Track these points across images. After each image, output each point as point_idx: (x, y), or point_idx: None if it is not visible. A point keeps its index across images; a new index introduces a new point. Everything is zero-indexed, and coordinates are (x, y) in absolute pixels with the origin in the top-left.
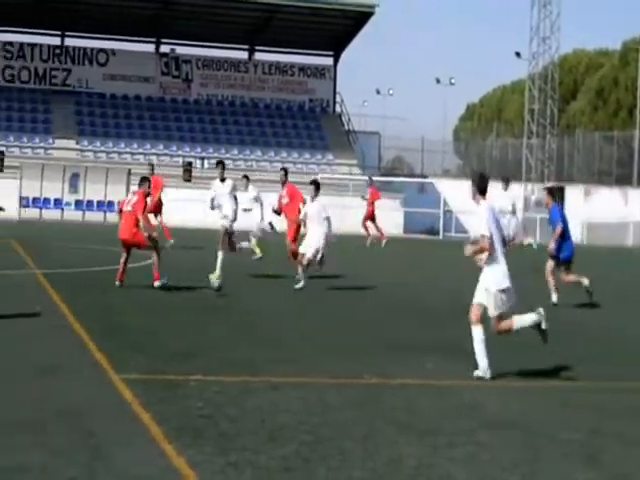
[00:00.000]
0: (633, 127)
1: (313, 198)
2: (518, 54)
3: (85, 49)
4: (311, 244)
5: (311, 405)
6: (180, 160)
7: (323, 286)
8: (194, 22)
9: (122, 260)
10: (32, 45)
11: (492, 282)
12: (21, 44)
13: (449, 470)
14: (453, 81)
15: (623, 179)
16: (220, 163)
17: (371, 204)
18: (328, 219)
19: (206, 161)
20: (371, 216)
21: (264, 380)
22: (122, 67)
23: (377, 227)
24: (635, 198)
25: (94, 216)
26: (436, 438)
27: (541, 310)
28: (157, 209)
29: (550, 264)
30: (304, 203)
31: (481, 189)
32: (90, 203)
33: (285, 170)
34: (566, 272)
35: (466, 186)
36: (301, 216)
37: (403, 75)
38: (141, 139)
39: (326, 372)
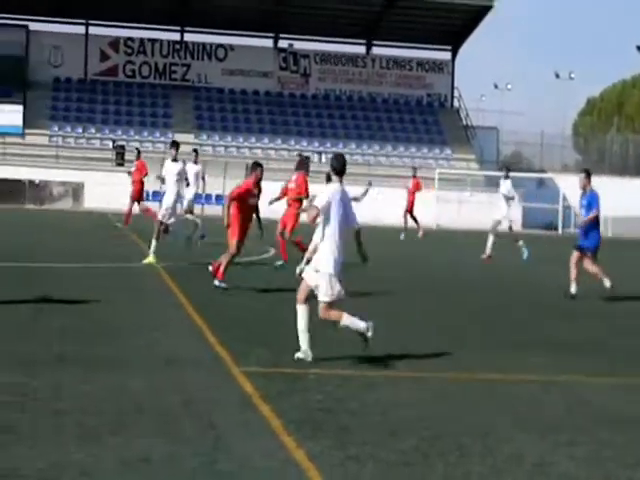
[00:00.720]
0: None
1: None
2: (639, 48)
3: (204, 44)
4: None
5: (430, 399)
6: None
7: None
8: (311, 17)
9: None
10: (152, 41)
11: (324, 264)
12: (141, 40)
13: (570, 468)
14: (573, 75)
15: None
16: (174, 143)
17: (412, 194)
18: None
19: (324, 155)
20: (411, 207)
21: (383, 374)
22: (240, 62)
23: (414, 219)
24: None
25: (213, 209)
26: (557, 435)
27: (371, 324)
28: (139, 194)
29: (575, 254)
30: (307, 197)
31: (337, 170)
32: (209, 197)
33: (302, 157)
34: (592, 261)
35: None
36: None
37: (521, 70)
38: (259, 133)
39: (444, 366)
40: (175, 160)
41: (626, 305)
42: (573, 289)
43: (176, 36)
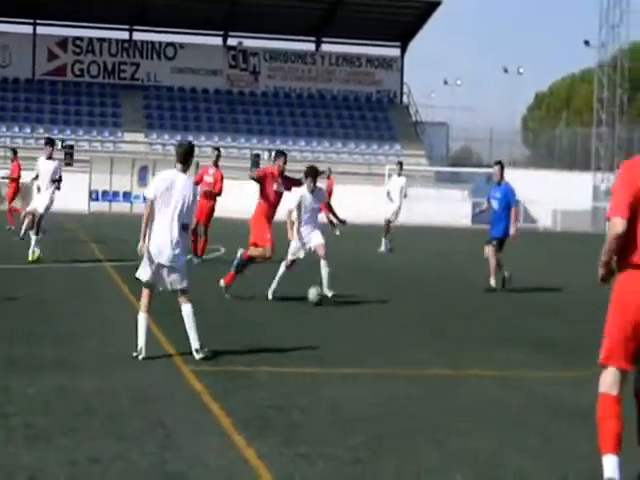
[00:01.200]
0: None
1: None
2: (587, 42)
3: (153, 43)
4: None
5: (381, 396)
6: (248, 152)
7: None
8: (261, 14)
9: None
10: (101, 40)
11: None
12: (90, 39)
13: (522, 462)
14: (521, 70)
15: None
16: (50, 141)
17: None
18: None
19: (274, 153)
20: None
21: (334, 372)
22: (190, 60)
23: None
24: None
25: None
26: (510, 430)
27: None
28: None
29: (490, 248)
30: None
31: (181, 159)
32: None
33: (218, 150)
34: (495, 251)
35: (535, 176)
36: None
37: (471, 65)
38: (209, 132)
39: (397, 363)
40: (50, 158)
41: (577, 299)
42: (492, 282)
43: (125, 35)
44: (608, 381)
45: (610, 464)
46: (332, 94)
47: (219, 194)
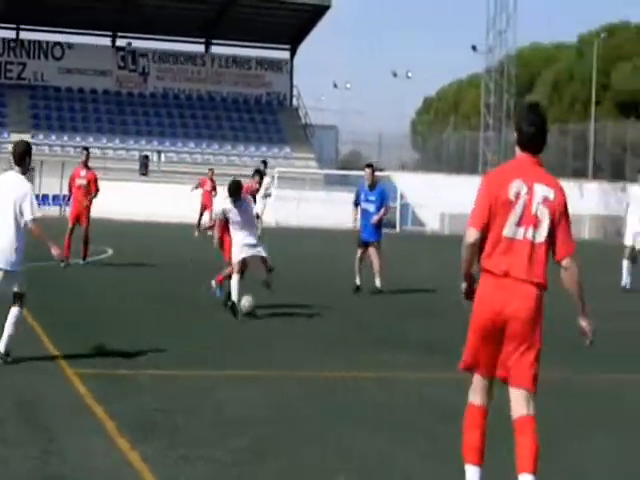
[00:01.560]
0: (588, 120)
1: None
2: (474, 48)
3: (40, 42)
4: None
5: (266, 399)
6: (136, 154)
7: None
8: (150, 15)
9: None
10: None
11: None
12: None
13: (407, 463)
14: (410, 75)
15: (579, 172)
16: None
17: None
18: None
19: (163, 155)
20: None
21: (221, 374)
22: (78, 61)
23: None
24: (590, 191)
25: (50, 210)
26: (394, 432)
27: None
28: None
29: (360, 250)
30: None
31: (17, 160)
32: (45, 197)
33: (87, 150)
34: (378, 253)
35: (423, 179)
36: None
37: (360, 69)
38: (97, 133)
39: (283, 365)
40: None
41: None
42: (358, 281)
43: (11, 34)
44: (472, 389)
45: (470, 475)
46: (222, 96)
47: (96, 195)
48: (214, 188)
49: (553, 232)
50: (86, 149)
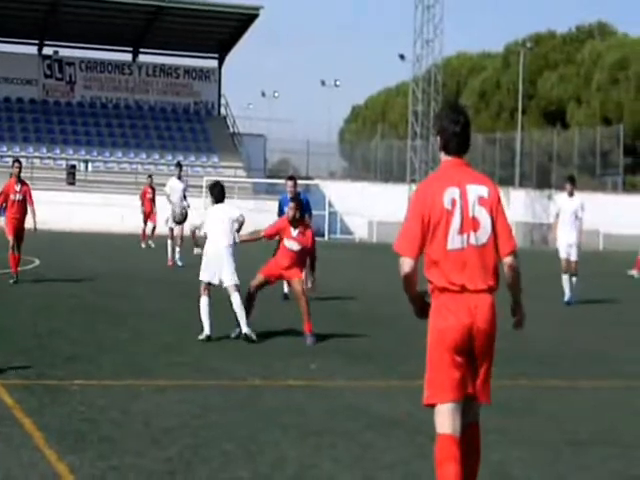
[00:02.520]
0: (515, 129)
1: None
2: (402, 56)
3: None
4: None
5: (195, 408)
6: (63, 163)
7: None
8: (78, 23)
9: None
10: None
11: None
12: None
13: (332, 471)
14: (338, 83)
15: (506, 180)
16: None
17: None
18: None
19: (90, 164)
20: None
21: (148, 384)
22: (4, 69)
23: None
24: (517, 199)
25: None
26: (320, 439)
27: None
28: None
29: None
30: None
31: None
32: None
33: (19, 162)
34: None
35: (351, 188)
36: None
37: (288, 77)
38: (24, 142)
39: (211, 374)
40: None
41: (389, 309)
42: (286, 289)
43: None
44: (441, 420)
45: None
46: (149, 105)
47: (32, 209)
48: (153, 196)
49: (494, 229)
50: (17, 161)
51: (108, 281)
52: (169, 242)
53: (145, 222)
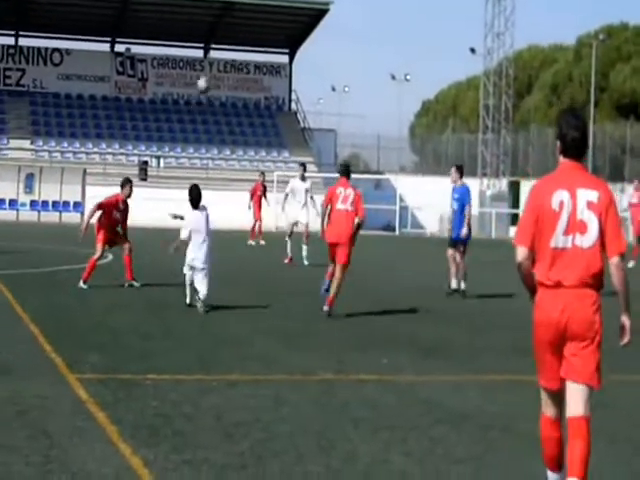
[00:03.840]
0: (587, 122)
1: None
2: (473, 50)
3: (39, 49)
4: None
5: (266, 402)
6: (136, 159)
7: (278, 277)
8: (149, 21)
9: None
10: None
11: None
12: None
13: (403, 465)
14: (408, 77)
15: None
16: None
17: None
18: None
19: (162, 160)
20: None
21: (220, 378)
22: (77, 67)
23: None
24: None
25: (49, 216)
26: (391, 433)
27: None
28: None
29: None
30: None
31: None
32: (45, 203)
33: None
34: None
35: (422, 182)
36: None
37: (359, 72)
38: (96, 138)
39: (282, 368)
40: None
41: (468, 304)
42: (453, 284)
43: (10, 40)
44: (543, 401)
45: (551, 479)
46: (220, 101)
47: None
48: (264, 194)
49: (602, 233)
50: (129, 181)
51: (180, 276)
52: (287, 239)
53: (256, 219)
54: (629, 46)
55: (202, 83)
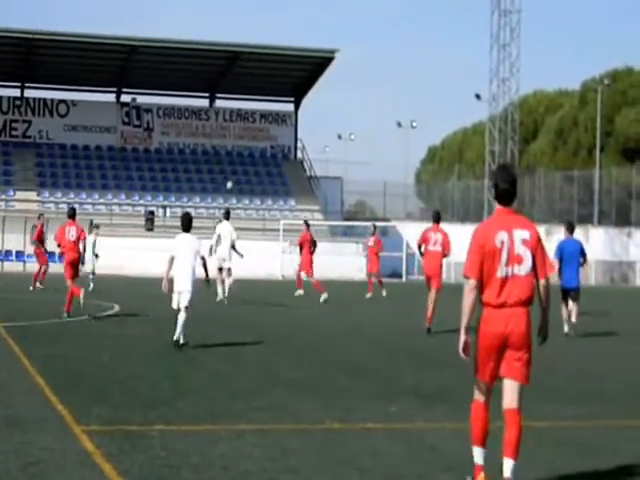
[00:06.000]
0: (593, 166)
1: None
2: (478, 96)
3: (45, 100)
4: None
5: (273, 452)
6: (142, 209)
7: (290, 325)
8: (155, 71)
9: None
10: None
11: None
12: None
13: None
14: (414, 124)
15: (584, 218)
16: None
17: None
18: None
19: (168, 210)
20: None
21: (227, 428)
22: (83, 117)
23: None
24: (596, 237)
25: (56, 268)
26: None
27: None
28: None
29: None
30: None
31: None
32: (52, 255)
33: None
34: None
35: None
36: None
37: (364, 119)
38: (103, 189)
39: (289, 418)
40: None
41: None
42: (566, 328)
43: (16, 92)
44: (477, 391)
45: (478, 454)
46: (226, 150)
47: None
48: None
49: (534, 262)
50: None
51: (187, 325)
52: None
53: (303, 269)
54: (634, 90)
55: (229, 184)
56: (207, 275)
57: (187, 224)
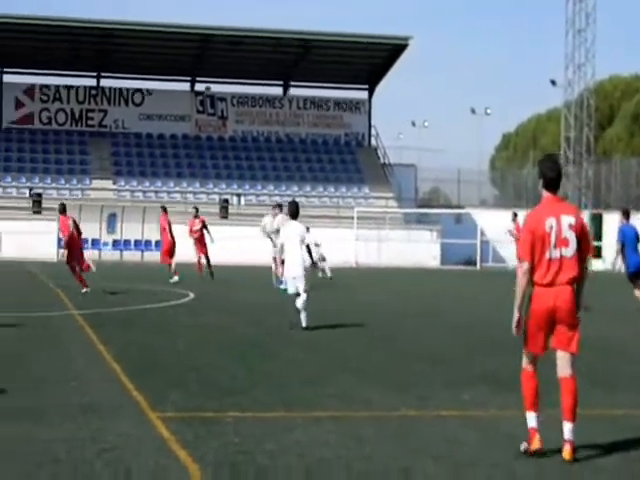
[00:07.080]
0: None
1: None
2: (553, 82)
3: (121, 89)
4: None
5: (348, 439)
6: (217, 197)
7: (359, 313)
8: (229, 59)
9: None
10: (68, 87)
11: None
12: (57, 86)
13: None
14: (489, 111)
15: None
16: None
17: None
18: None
19: (243, 198)
20: None
21: (301, 415)
22: (158, 106)
23: None
24: None
25: (131, 255)
26: (474, 470)
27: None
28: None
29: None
30: None
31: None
32: (127, 243)
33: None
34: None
35: (503, 216)
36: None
37: (438, 106)
38: (177, 177)
39: (363, 405)
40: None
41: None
42: None
43: (92, 82)
44: (526, 361)
45: (531, 418)
46: (300, 137)
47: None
48: None
49: (580, 245)
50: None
51: (261, 313)
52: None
53: None
54: None
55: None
56: (313, 261)
57: (295, 212)
